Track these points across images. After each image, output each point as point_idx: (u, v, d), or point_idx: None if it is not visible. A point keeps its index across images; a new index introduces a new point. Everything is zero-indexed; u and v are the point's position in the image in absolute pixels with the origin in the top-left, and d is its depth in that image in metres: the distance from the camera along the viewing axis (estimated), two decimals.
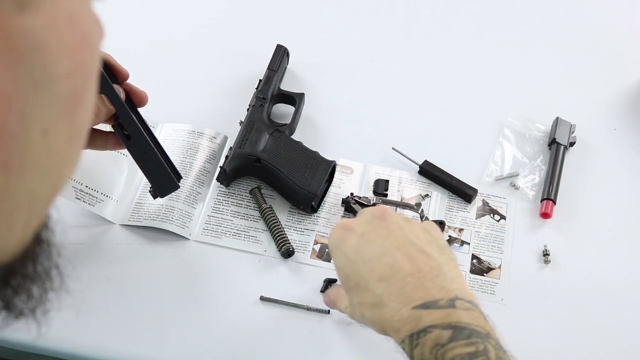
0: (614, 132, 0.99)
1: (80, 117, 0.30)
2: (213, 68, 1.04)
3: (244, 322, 0.79)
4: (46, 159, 0.28)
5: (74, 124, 0.30)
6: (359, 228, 0.66)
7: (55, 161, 0.29)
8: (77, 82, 0.29)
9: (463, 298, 0.60)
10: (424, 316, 0.59)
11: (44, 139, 0.28)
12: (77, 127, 0.30)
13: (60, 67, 0.27)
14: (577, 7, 1.15)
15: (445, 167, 0.92)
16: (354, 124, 0.98)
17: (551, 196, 0.90)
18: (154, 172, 0.77)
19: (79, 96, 0.29)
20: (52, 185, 0.30)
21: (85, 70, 0.29)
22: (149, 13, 1.11)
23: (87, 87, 0.30)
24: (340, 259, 0.66)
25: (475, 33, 1.11)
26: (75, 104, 0.29)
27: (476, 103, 1.02)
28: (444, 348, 0.57)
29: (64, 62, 0.27)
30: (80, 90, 0.29)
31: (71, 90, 0.28)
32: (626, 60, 1.08)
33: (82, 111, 0.30)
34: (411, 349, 0.59)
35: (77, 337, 0.76)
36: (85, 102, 0.30)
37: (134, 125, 0.73)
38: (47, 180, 0.29)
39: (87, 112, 0.31)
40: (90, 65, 0.30)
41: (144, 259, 0.84)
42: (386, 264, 0.62)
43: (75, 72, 0.28)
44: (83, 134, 0.32)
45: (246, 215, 0.88)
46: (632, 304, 0.83)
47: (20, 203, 0.28)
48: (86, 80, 0.30)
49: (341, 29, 1.10)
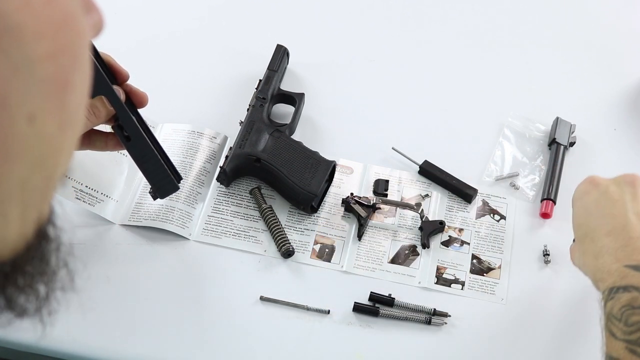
0: (614, 132, 0.99)
1: (71, 102, 0.29)
2: (213, 68, 1.04)
3: (244, 322, 0.79)
4: (36, 147, 0.28)
5: (65, 110, 0.29)
6: (606, 186, 0.72)
7: (47, 149, 0.28)
8: (62, 64, 0.28)
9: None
10: (630, 276, 0.64)
11: (31, 125, 0.27)
12: (69, 113, 0.29)
13: (41, 48, 0.27)
14: (577, 7, 1.15)
15: (445, 167, 0.92)
16: (354, 124, 0.98)
17: (551, 196, 0.90)
18: (154, 173, 0.77)
19: (66, 79, 0.28)
20: (47, 175, 0.30)
21: (71, 52, 0.28)
22: (149, 13, 1.11)
23: (74, 69, 0.29)
24: (579, 209, 0.73)
25: (475, 33, 1.11)
26: (63, 87, 0.28)
27: (476, 103, 1.02)
28: (632, 310, 0.61)
29: (44, 43, 0.27)
30: (67, 73, 0.28)
31: (56, 73, 0.28)
32: (626, 60, 1.08)
33: (73, 96, 0.29)
34: (606, 300, 0.64)
35: (76, 336, 0.76)
36: (75, 86, 0.29)
37: (134, 126, 0.73)
38: (40, 169, 0.29)
39: (78, 97, 0.30)
40: (77, 47, 0.29)
41: (144, 259, 0.84)
42: (619, 222, 0.69)
43: (58, 54, 0.28)
44: (77, 121, 0.31)
45: (246, 215, 0.88)
46: None
47: (11, 192, 0.27)
48: (73, 62, 0.29)
49: (341, 29, 1.10)
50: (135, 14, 1.09)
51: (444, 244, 0.87)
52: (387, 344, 0.79)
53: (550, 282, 0.84)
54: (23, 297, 0.31)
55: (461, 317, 0.80)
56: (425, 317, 0.79)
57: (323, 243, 0.86)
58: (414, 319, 0.80)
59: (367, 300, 0.81)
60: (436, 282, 0.83)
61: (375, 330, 0.79)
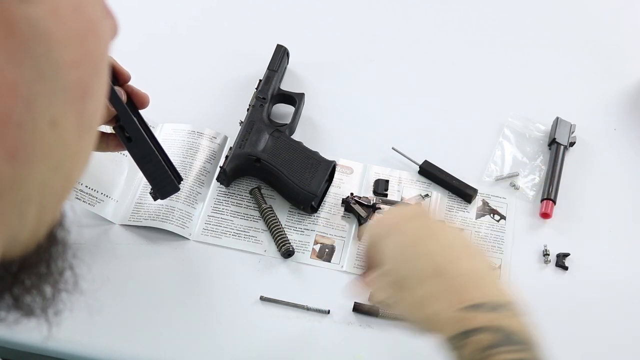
0: (614, 132, 0.99)
1: (90, 109, 0.29)
2: (213, 68, 1.04)
3: (244, 322, 0.79)
4: (56, 150, 0.28)
5: (84, 115, 0.29)
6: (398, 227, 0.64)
7: (66, 153, 0.29)
8: (85, 71, 0.28)
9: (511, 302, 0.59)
10: (471, 317, 0.57)
11: (53, 129, 0.27)
12: (88, 119, 0.30)
13: (67, 55, 0.27)
14: (577, 7, 1.15)
15: (445, 167, 0.92)
16: (354, 124, 0.98)
17: (551, 196, 0.90)
18: (155, 174, 0.77)
19: (88, 86, 0.29)
20: (65, 179, 0.30)
21: (93, 59, 0.29)
22: (150, 13, 1.11)
23: (96, 77, 0.30)
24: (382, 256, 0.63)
25: (475, 33, 1.11)
26: (84, 94, 0.29)
27: (476, 103, 1.02)
28: (490, 351, 0.55)
29: (70, 50, 0.27)
30: (89, 80, 0.29)
31: (79, 79, 0.28)
32: (626, 60, 1.08)
33: (92, 102, 0.30)
34: (456, 348, 0.57)
35: (75, 336, 0.76)
36: (95, 93, 0.30)
37: (135, 127, 0.73)
38: (59, 172, 0.29)
39: (97, 103, 0.30)
40: (99, 55, 0.30)
41: (144, 259, 0.84)
42: (429, 264, 0.60)
43: (82, 62, 0.28)
44: (94, 127, 0.31)
45: (246, 215, 0.88)
46: (633, 303, 0.83)
47: (30, 194, 0.28)
48: (95, 70, 0.29)
49: (341, 29, 1.10)
50: (136, 15, 1.09)
51: None
52: (387, 344, 0.79)
53: (550, 282, 0.84)
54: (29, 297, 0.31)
55: None
56: None
57: (323, 243, 0.86)
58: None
59: (367, 300, 0.81)
60: None
61: (375, 330, 0.79)
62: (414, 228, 0.64)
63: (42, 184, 0.28)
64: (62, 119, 0.28)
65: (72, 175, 0.31)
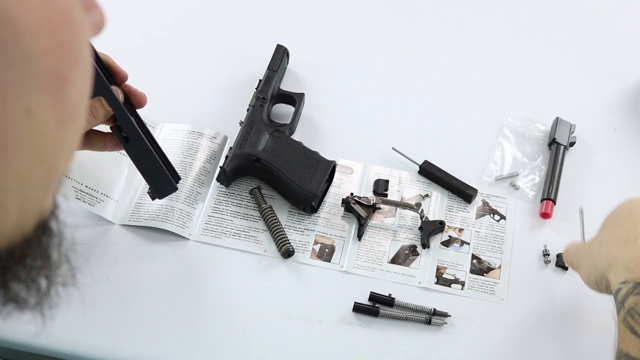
0: (614, 132, 0.99)
1: (69, 98, 0.29)
2: (213, 68, 1.04)
3: (243, 322, 0.79)
4: (34, 141, 0.28)
5: (63, 104, 0.29)
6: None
7: (46, 143, 0.29)
8: (60, 60, 0.28)
9: None
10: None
11: (28, 119, 0.27)
12: (67, 108, 0.29)
13: (38, 43, 0.27)
14: (578, 7, 1.15)
15: (445, 167, 0.92)
16: (354, 124, 0.98)
17: (551, 196, 0.90)
18: (152, 174, 0.77)
19: (64, 75, 0.29)
20: (47, 170, 0.30)
21: (69, 49, 0.29)
22: (149, 13, 1.11)
23: (72, 66, 0.29)
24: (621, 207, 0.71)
25: (475, 33, 1.11)
26: (61, 82, 0.29)
27: (476, 103, 1.01)
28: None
29: (41, 38, 0.27)
30: (65, 70, 0.29)
31: (53, 68, 0.28)
32: (626, 60, 1.08)
33: (71, 92, 0.29)
34: (629, 293, 0.60)
35: (74, 336, 0.76)
36: (74, 82, 0.29)
37: (132, 127, 0.73)
38: (39, 163, 0.29)
39: (78, 93, 0.30)
40: (75, 43, 0.29)
41: (144, 259, 0.84)
42: None
43: (56, 50, 0.28)
44: (77, 117, 0.31)
45: (246, 215, 0.88)
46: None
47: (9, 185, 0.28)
48: (71, 59, 0.29)
49: (341, 29, 1.10)
50: (135, 14, 1.09)
51: (444, 244, 0.87)
52: (387, 344, 0.79)
53: (550, 282, 0.84)
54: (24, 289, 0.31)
55: (461, 317, 0.80)
56: (425, 317, 0.79)
57: (323, 243, 0.86)
58: (414, 319, 0.80)
59: (367, 300, 0.81)
60: (436, 282, 0.83)
61: (375, 330, 0.79)
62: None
63: (21, 175, 0.28)
64: (38, 108, 0.28)
65: (56, 167, 0.31)
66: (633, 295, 0.59)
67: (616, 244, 0.65)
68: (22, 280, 0.31)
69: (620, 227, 0.67)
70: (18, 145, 0.27)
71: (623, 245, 0.64)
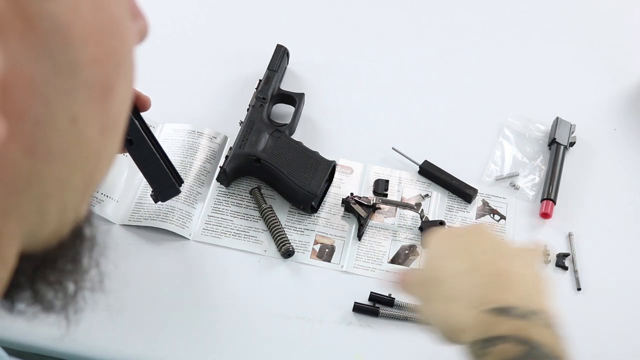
0: (614, 132, 0.99)
1: (113, 108, 0.29)
2: (213, 68, 1.04)
3: (243, 322, 0.79)
4: (77, 148, 0.28)
5: (107, 114, 0.29)
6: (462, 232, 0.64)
7: (88, 152, 0.29)
8: (106, 70, 0.28)
9: (540, 312, 0.55)
10: (496, 323, 0.53)
11: (73, 127, 0.27)
12: (111, 118, 0.29)
13: (86, 53, 0.27)
14: (578, 7, 1.15)
15: (445, 167, 0.92)
16: (354, 124, 0.98)
17: (551, 196, 0.90)
18: (156, 177, 0.77)
19: (110, 85, 0.29)
20: (86, 177, 0.30)
21: (115, 59, 0.29)
22: (149, 12, 1.10)
23: (118, 77, 0.29)
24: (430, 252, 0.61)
25: (475, 33, 1.11)
26: (106, 92, 0.28)
27: (476, 103, 1.01)
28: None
29: (89, 48, 0.27)
30: (111, 80, 0.29)
31: (100, 78, 0.28)
32: (626, 60, 1.08)
33: (115, 101, 0.29)
34: (477, 357, 0.53)
35: (74, 336, 0.76)
36: (118, 92, 0.29)
37: (137, 130, 0.73)
38: (80, 170, 0.29)
39: (120, 103, 0.30)
40: (121, 55, 0.29)
41: (144, 259, 0.84)
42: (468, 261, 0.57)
43: (103, 60, 0.28)
44: (119, 127, 0.31)
45: (246, 215, 0.88)
46: (633, 302, 0.83)
47: (49, 191, 0.28)
48: (117, 70, 0.29)
49: (341, 29, 1.10)
50: None
51: None
52: (387, 344, 0.79)
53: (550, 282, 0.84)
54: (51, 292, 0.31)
55: None
56: None
57: (323, 243, 0.86)
58: (414, 319, 0.80)
59: (367, 300, 0.81)
60: None
61: (375, 330, 0.79)
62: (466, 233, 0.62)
63: (62, 181, 0.28)
64: (83, 117, 0.27)
65: (95, 175, 0.31)
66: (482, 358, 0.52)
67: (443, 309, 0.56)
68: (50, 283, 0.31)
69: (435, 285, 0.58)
70: (61, 152, 0.27)
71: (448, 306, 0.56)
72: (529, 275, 0.58)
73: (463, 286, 0.56)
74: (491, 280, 0.56)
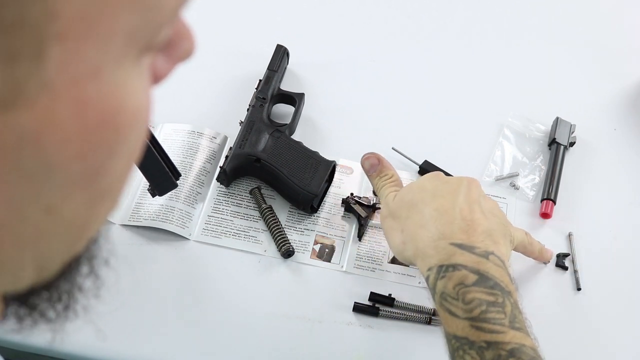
0: (614, 132, 0.99)
1: (102, 184, 0.27)
2: (213, 68, 1.04)
3: (243, 322, 0.79)
4: (55, 229, 0.26)
5: (94, 191, 0.27)
6: (446, 179, 0.73)
7: (69, 227, 0.27)
8: (94, 160, 0.26)
9: (498, 256, 0.65)
10: (458, 255, 0.64)
11: (47, 215, 0.25)
12: (99, 191, 0.27)
13: (63, 154, 0.24)
14: (578, 7, 1.15)
15: (445, 167, 0.92)
16: (354, 124, 0.98)
17: (551, 196, 0.90)
18: (152, 170, 0.76)
19: (97, 171, 0.26)
20: (68, 246, 0.28)
21: (106, 147, 0.26)
22: None
23: (110, 160, 0.27)
24: (414, 185, 0.74)
25: (475, 33, 1.11)
26: (91, 179, 0.26)
27: (476, 103, 1.02)
28: (466, 288, 0.62)
29: (69, 147, 0.24)
30: (99, 166, 0.26)
31: (85, 169, 0.25)
32: (626, 60, 1.08)
33: (105, 179, 0.27)
34: (436, 279, 0.64)
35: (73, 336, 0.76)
36: (111, 170, 0.27)
37: None
38: (60, 243, 0.27)
39: (115, 174, 0.28)
40: (116, 142, 0.26)
41: (144, 259, 0.84)
42: (449, 202, 0.69)
43: (89, 153, 0.25)
44: (113, 193, 0.29)
45: (246, 215, 0.88)
46: (633, 302, 0.83)
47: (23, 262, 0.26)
48: (108, 155, 0.26)
49: (341, 29, 1.10)
50: None
51: None
52: (387, 344, 0.79)
53: (550, 282, 0.84)
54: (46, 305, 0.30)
55: None
56: (425, 317, 0.79)
57: (323, 243, 0.86)
58: (414, 319, 0.80)
59: (367, 300, 0.81)
60: None
61: (375, 330, 0.79)
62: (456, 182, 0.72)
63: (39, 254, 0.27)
64: (62, 204, 0.26)
65: (82, 238, 0.29)
66: (440, 280, 0.63)
67: (414, 230, 0.68)
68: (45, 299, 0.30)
69: (415, 210, 0.70)
70: (33, 237, 0.26)
71: (419, 230, 0.68)
72: (497, 232, 0.68)
73: (438, 221, 0.67)
74: (463, 225, 0.67)
